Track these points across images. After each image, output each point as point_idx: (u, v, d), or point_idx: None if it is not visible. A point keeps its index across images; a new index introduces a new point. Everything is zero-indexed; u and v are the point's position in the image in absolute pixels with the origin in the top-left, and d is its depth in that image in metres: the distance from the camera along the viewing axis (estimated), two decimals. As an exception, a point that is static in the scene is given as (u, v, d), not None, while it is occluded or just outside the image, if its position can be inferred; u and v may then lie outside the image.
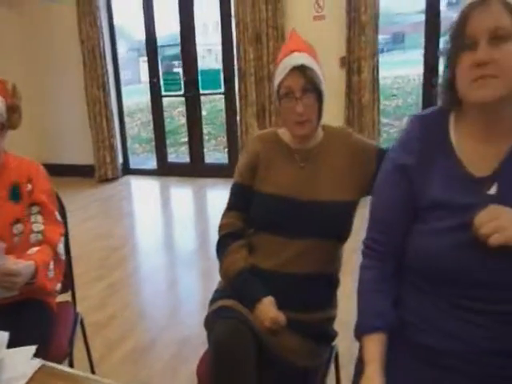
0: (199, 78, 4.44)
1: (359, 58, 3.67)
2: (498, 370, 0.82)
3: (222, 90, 4.35)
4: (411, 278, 0.93)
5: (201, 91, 4.45)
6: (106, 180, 4.59)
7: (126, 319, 2.20)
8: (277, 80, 1.18)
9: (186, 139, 4.83)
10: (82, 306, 2.28)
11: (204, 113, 7.42)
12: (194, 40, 4.48)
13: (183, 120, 5.48)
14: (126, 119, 7.59)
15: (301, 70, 1.13)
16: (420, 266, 0.90)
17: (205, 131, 6.93)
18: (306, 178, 1.19)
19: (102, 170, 4.59)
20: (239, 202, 1.23)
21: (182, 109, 5.63)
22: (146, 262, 2.90)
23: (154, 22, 4.54)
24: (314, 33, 3.93)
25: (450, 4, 6.04)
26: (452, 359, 0.85)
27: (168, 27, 5.62)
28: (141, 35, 4.66)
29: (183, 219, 3.63)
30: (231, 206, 1.25)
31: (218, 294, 1.20)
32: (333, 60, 3.87)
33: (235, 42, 4.05)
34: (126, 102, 7.91)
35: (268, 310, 1.07)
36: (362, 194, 1.20)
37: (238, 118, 4.17)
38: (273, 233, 1.16)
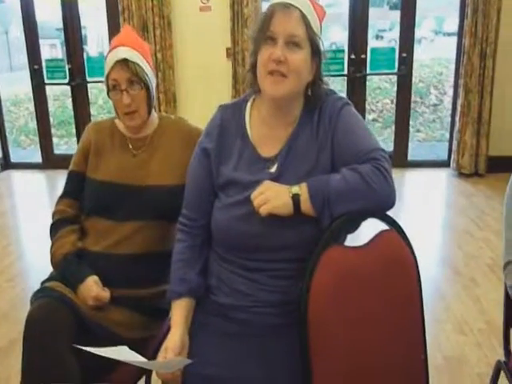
0: (86, 65, 4.25)
1: (243, 49, 3.83)
2: (277, 318, 1.00)
3: (111, 78, 4.22)
4: (214, 248, 1.07)
5: (88, 79, 4.27)
6: (-18, 176, 4.21)
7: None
8: (105, 73, 1.24)
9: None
10: None
11: (101, 101, 7.09)
12: (79, 25, 4.27)
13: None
14: (13, 109, 6.95)
15: (124, 63, 1.20)
16: (217, 236, 1.05)
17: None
18: (137, 165, 1.27)
19: (-22, 164, 4.20)
20: (72, 189, 1.30)
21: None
22: (18, 261, 2.77)
23: (32, 2, 4.22)
24: (200, 23, 4.02)
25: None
26: (244, 313, 1.01)
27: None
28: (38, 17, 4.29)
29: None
30: (64, 194, 1.31)
31: (48, 278, 1.25)
32: (220, 50, 3.98)
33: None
34: (14, 90, 7.22)
35: (90, 289, 1.15)
36: None
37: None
38: (103, 217, 1.24)
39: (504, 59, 3.65)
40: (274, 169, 1.03)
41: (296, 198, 0.94)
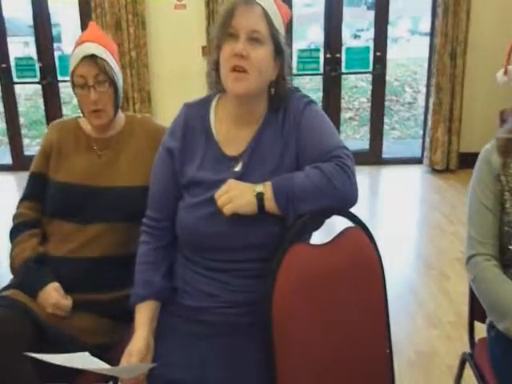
0: (57, 63, 4.15)
1: (218, 48, 3.80)
2: (243, 318, 0.99)
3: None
4: (180, 249, 1.06)
5: (59, 78, 4.16)
6: None
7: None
8: (70, 69, 1.21)
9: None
10: None
11: (75, 101, 6.94)
12: (49, 22, 4.16)
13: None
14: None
15: (92, 59, 1.17)
16: (182, 237, 1.04)
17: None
18: (103, 166, 1.24)
19: None
20: (33, 191, 1.26)
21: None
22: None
23: (-1, -1, 4.08)
24: (175, 21, 3.97)
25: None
26: (210, 315, 1.00)
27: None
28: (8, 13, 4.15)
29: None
30: (25, 196, 1.27)
31: (7, 285, 1.21)
32: (195, 49, 3.94)
33: (94, 27, 3.87)
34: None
35: (50, 296, 1.12)
36: None
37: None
38: (66, 220, 1.20)
39: (474, 58, 3.74)
40: (238, 167, 1.02)
41: (260, 197, 0.94)
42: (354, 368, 0.96)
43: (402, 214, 3.19)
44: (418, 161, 4.07)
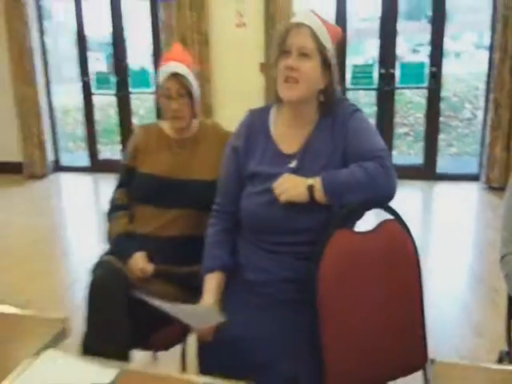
0: (129, 77, 4.60)
1: (276, 63, 4.02)
2: (293, 293, 1.15)
3: (151, 89, 4.55)
4: (243, 231, 1.25)
5: (131, 90, 4.61)
6: (34, 177, 4.60)
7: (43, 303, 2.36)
8: (158, 82, 1.50)
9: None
10: None
11: (142, 111, 7.53)
12: (123, 40, 4.63)
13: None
14: (62, 116, 7.47)
15: (176, 76, 1.44)
16: (244, 220, 1.23)
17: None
18: (180, 162, 1.51)
19: (31, 167, 4.60)
20: (125, 180, 1.55)
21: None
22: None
23: (81, 20, 4.63)
24: (236, 39, 4.26)
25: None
26: (264, 287, 1.17)
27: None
28: (86, 32, 4.70)
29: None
30: (119, 184, 1.56)
31: (105, 252, 1.49)
32: (253, 65, 4.20)
33: (163, 45, 4.27)
34: (64, 100, 7.78)
35: (137, 262, 1.38)
36: None
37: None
38: (149, 204, 1.47)
39: (536, 74, 3.64)
40: (293, 164, 1.20)
41: (311, 189, 1.11)
42: (388, 345, 1.07)
43: (455, 229, 3.17)
44: (474, 177, 3.99)
